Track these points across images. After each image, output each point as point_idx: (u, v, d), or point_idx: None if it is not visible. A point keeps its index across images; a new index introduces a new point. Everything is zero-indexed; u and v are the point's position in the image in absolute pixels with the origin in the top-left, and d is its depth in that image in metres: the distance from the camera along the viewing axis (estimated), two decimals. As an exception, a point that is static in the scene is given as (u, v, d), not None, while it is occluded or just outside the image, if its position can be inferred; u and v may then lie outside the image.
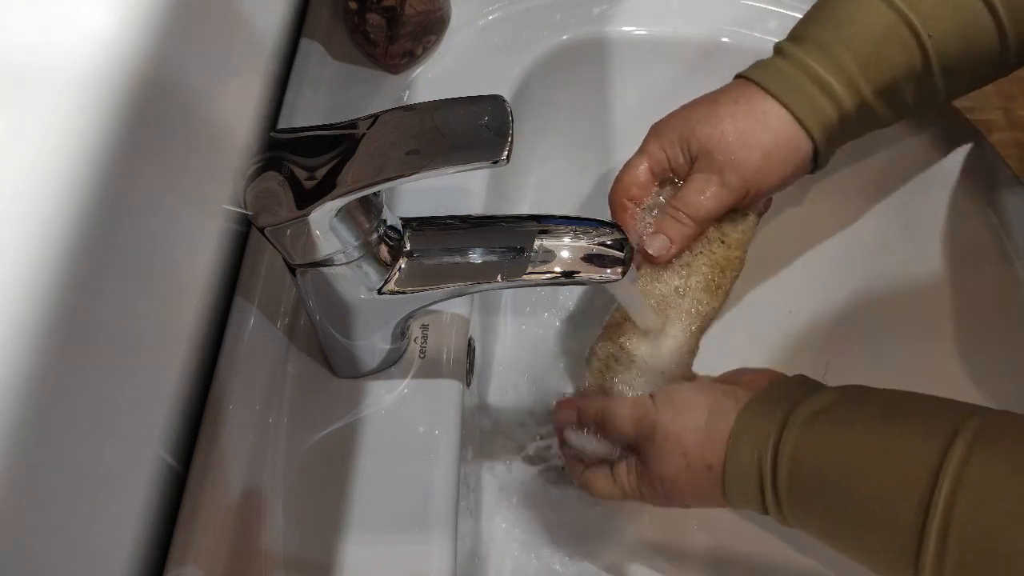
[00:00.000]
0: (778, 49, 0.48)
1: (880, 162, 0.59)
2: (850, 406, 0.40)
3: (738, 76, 0.49)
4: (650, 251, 0.47)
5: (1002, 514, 0.33)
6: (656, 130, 0.49)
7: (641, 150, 0.49)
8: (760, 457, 0.41)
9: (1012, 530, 0.33)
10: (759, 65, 0.48)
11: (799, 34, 0.47)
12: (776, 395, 0.43)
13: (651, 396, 0.46)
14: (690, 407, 0.44)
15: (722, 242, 0.49)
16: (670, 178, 0.49)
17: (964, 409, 0.38)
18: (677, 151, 0.48)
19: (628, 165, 0.49)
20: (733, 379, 0.48)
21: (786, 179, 0.47)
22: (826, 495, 0.39)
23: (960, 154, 0.55)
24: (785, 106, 0.45)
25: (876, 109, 0.46)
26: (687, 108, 0.49)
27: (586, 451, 0.49)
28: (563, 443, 0.50)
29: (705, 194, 0.46)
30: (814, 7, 0.48)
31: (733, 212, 0.49)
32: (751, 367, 0.49)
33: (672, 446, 0.44)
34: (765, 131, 0.45)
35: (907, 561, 0.35)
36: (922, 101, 0.47)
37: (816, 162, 0.48)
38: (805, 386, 0.44)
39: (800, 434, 0.40)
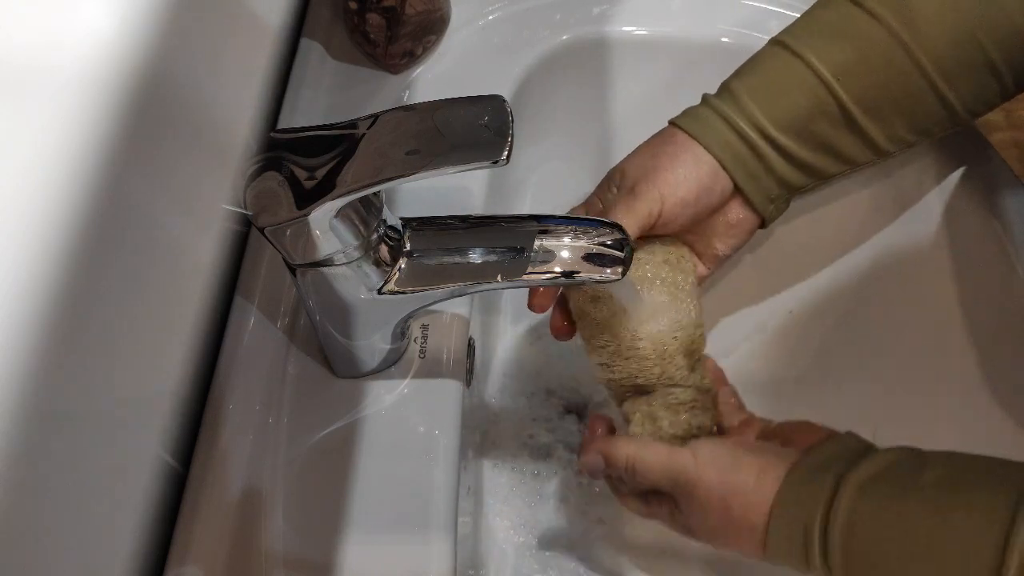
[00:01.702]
0: (703, 98, 0.50)
1: (880, 162, 0.59)
2: (904, 474, 0.39)
3: (669, 123, 0.51)
4: None
5: None
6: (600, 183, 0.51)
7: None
8: (808, 524, 0.39)
9: None
10: (683, 112, 0.50)
11: (721, 86, 0.50)
12: (826, 457, 0.42)
13: (689, 448, 0.45)
14: (737, 467, 0.43)
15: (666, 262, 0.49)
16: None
17: (1020, 475, 0.37)
18: (605, 189, 0.50)
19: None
20: (779, 435, 0.47)
21: (699, 197, 0.48)
22: (883, 573, 0.38)
23: (960, 154, 0.55)
24: (697, 140, 0.48)
25: (797, 151, 0.47)
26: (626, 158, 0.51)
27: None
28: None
29: (620, 204, 0.47)
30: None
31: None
32: (796, 421, 0.48)
33: (716, 504, 0.43)
34: (681, 156, 0.48)
35: None
36: (870, 146, 0.48)
37: (750, 200, 0.49)
38: (856, 448, 0.42)
39: (853, 504, 0.38)
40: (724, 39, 0.61)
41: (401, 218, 0.41)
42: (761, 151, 0.47)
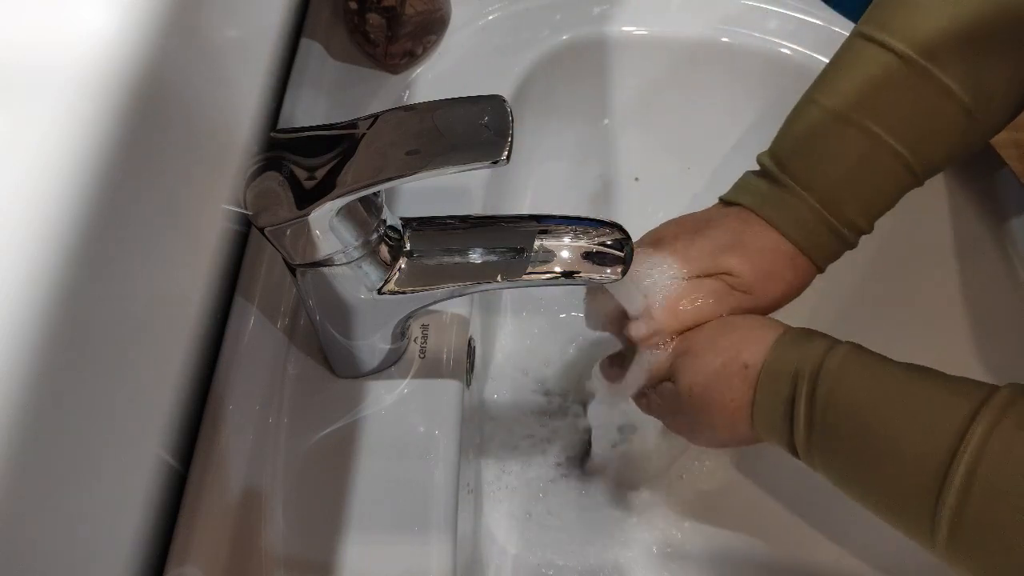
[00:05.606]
0: (772, 176, 0.48)
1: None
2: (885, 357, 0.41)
3: (738, 204, 0.49)
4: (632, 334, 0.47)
5: None
6: (683, 258, 0.48)
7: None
8: (799, 369, 0.41)
9: None
10: (757, 194, 0.48)
11: (782, 160, 0.47)
12: (811, 332, 0.44)
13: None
14: (733, 319, 0.45)
15: None
16: None
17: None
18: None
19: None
20: None
21: (789, 295, 0.49)
22: (857, 427, 0.39)
23: (960, 154, 0.55)
24: (794, 243, 0.47)
25: (868, 227, 0.48)
26: (704, 236, 0.48)
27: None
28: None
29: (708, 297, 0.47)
30: (790, 126, 0.48)
31: None
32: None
33: (707, 348, 0.45)
34: (780, 267, 0.47)
35: (926, 508, 0.36)
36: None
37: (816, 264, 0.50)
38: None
39: (844, 359, 0.40)
40: (724, 39, 0.61)
41: (401, 218, 0.41)
42: (845, 238, 0.47)
